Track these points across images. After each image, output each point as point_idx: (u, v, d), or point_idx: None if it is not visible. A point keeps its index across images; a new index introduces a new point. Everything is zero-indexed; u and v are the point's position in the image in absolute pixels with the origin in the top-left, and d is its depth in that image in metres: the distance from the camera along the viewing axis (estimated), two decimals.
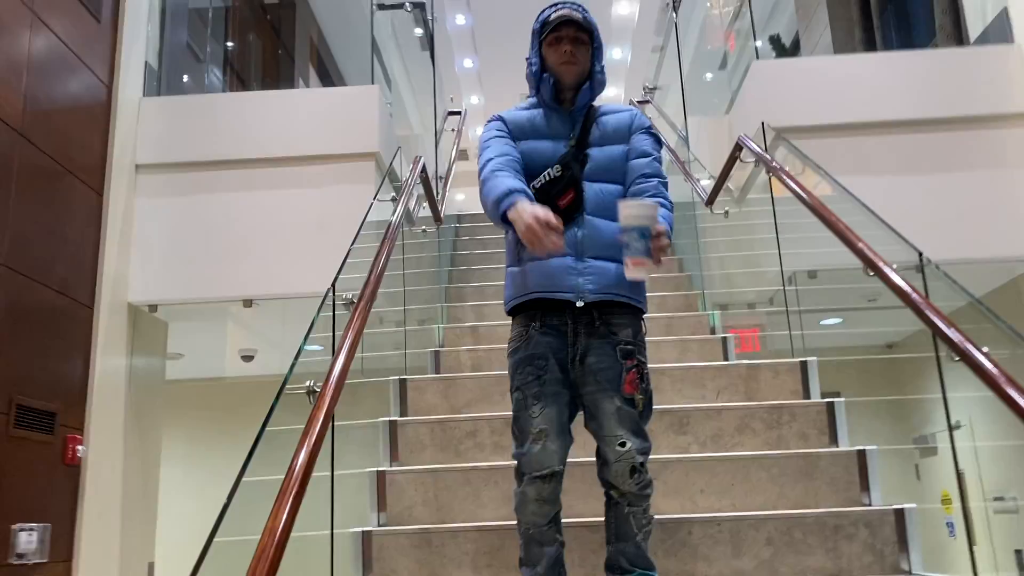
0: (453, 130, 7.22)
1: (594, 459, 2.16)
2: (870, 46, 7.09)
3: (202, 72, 6.76)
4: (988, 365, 1.90)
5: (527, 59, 2.32)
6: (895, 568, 2.54)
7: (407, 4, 6.01)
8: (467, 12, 9.73)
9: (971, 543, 5.93)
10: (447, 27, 9.90)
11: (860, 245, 2.61)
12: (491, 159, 2.19)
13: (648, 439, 2.11)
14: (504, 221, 2.04)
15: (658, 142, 2.34)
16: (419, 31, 7.94)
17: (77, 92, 4.38)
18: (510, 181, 2.08)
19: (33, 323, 3.88)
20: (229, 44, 7.58)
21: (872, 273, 2.55)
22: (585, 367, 2.11)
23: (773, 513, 2.61)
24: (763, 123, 4.41)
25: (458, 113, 7.57)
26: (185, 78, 5.87)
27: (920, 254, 2.72)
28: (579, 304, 2.10)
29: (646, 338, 2.21)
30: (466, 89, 11.49)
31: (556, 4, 2.30)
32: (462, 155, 11.66)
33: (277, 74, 8.17)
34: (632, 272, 1.92)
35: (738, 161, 4.14)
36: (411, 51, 8.73)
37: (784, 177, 3.33)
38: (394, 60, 8.20)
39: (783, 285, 4.14)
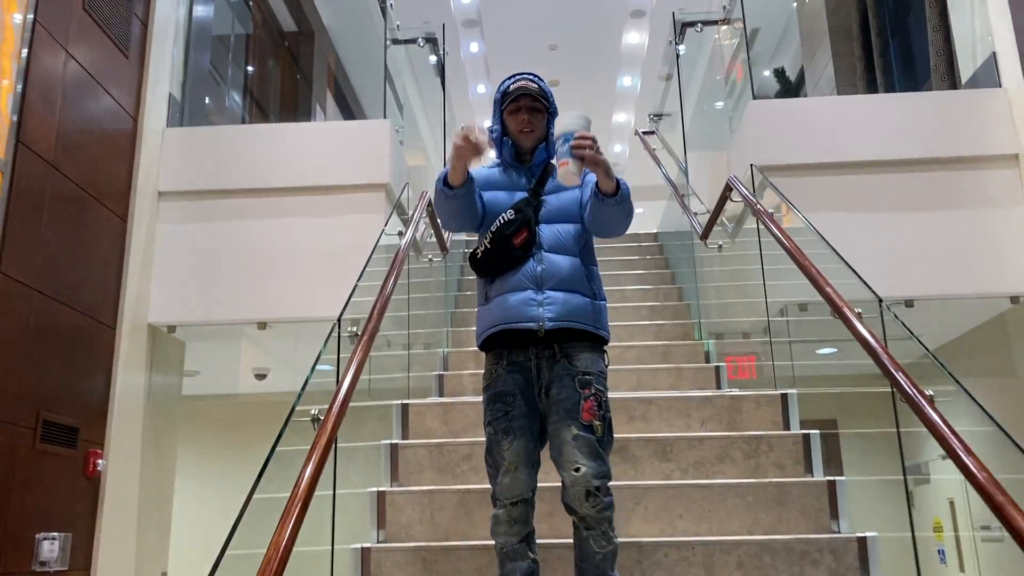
0: None
1: None
2: (871, 81, 7.29)
3: (223, 97, 7.03)
4: (932, 414, 2.07)
5: (489, 127, 2.55)
6: None
7: (420, 39, 6.25)
8: (480, 40, 9.99)
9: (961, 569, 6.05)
10: (461, 55, 10.16)
11: (828, 290, 2.80)
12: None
13: (606, 464, 2.29)
14: (446, 184, 2.35)
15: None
16: (434, 58, 8.21)
17: (105, 123, 4.64)
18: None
19: (59, 343, 4.12)
20: (249, 68, 7.87)
21: (836, 316, 2.73)
22: (550, 399, 2.32)
23: (744, 539, 2.79)
24: (751, 166, 4.61)
25: None
26: (207, 99, 6.12)
27: (880, 300, 2.89)
28: (540, 333, 2.32)
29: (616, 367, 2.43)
30: (480, 114, 11.74)
31: (515, 76, 2.55)
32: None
33: (295, 100, 8.44)
34: (561, 175, 2.20)
35: (728, 201, 4.34)
36: (426, 76, 9.00)
37: (766, 220, 3.52)
38: (409, 86, 8.46)
39: (767, 317, 4.32)
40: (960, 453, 1.90)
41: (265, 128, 5.32)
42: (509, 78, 2.55)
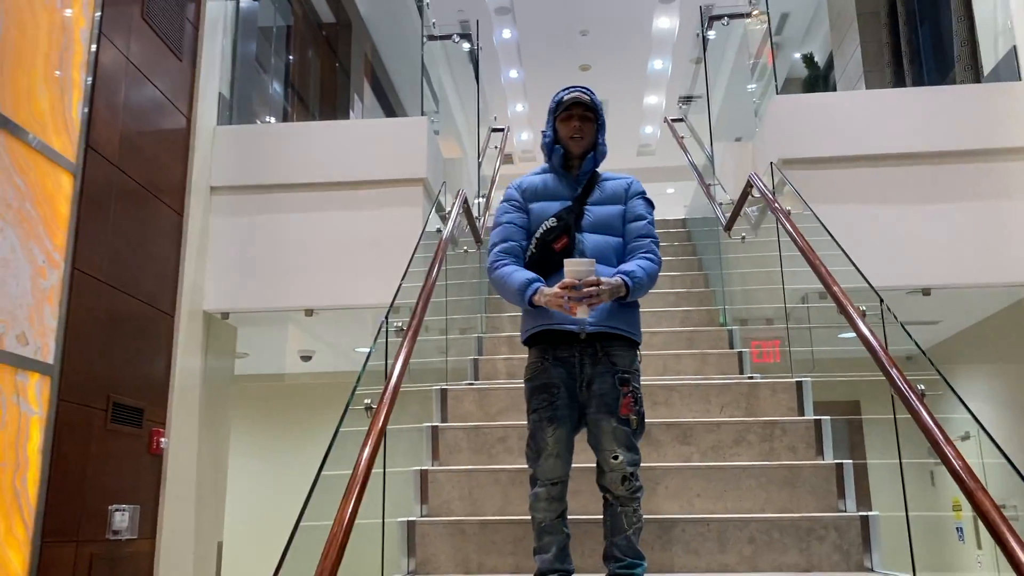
0: (496, 147, 7.70)
1: None
2: (898, 68, 7.39)
3: (266, 88, 7.33)
4: (919, 407, 2.30)
5: (543, 132, 2.79)
6: (859, 566, 2.96)
7: (455, 36, 6.48)
8: (512, 27, 10.17)
9: (978, 546, 6.25)
10: (494, 41, 10.35)
11: (835, 289, 3.01)
12: (497, 245, 2.69)
13: (638, 452, 2.57)
14: (530, 304, 2.54)
15: (651, 204, 2.80)
16: (467, 46, 8.44)
17: (162, 124, 4.96)
18: (522, 274, 2.58)
19: (125, 331, 4.47)
20: (290, 58, 8.15)
21: (841, 313, 2.95)
22: (591, 392, 2.58)
23: (756, 516, 3.05)
24: (772, 164, 4.80)
25: (501, 130, 8.05)
26: (252, 93, 6.41)
27: (881, 300, 3.10)
28: (582, 336, 2.57)
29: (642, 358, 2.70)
30: (511, 98, 11.94)
31: (568, 88, 2.77)
32: (507, 159, 12.11)
33: (334, 90, 8.72)
34: (580, 312, 2.44)
35: (749, 197, 4.55)
36: (459, 64, 9.23)
37: (783, 219, 3.74)
38: (443, 74, 8.70)
39: (784, 304, 4.53)
40: (940, 444, 2.13)
41: (309, 126, 5.61)
42: (563, 90, 2.76)
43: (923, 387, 2.51)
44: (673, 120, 7.73)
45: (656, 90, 11.85)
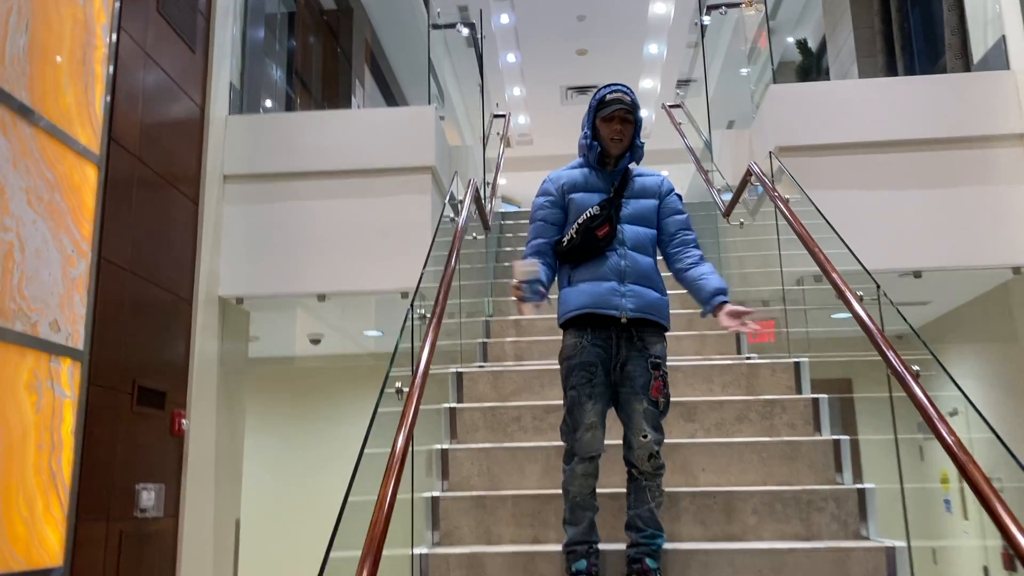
0: (499, 133, 7.84)
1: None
2: (890, 55, 7.55)
3: (271, 75, 7.43)
4: (914, 386, 2.48)
5: (582, 128, 2.94)
6: (856, 534, 3.16)
7: (459, 25, 6.60)
8: (511, 12, 10.28)
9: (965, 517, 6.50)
10: (492, 25, 10.45)
11: (834, 276, 3.19)
12: (531, 242, 2.93)
13: (663, 432, 2.78)
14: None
15: (681, 199, 3.02)
16: (465, 31, 8.56)
17: (178, 115, 5.09)
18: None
19: (148, 317, 4.62)
20: (293, 44, 8.25)
21: (839, 298, 3.14)
22: (624, 373, 2.77)
23: (759, 489, 3.24)
24: (771, 153, 4.97)
25: (503, 116, 8.19)
26: (259, 78, 6.51)
27: (878, 286, 3.28)
28: (622, 320, 2.75)
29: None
30: (509, 83, 12.05)
31: (611, 86, 2.91)
32: (506, 142, 12.21)
33: (336, 76, 8.83)
34: (528, 310, 2.72)
35: (748, 184, 4.72)
36: (458, 50, 9.35)
37: (782, 207, 3.92)
38: (443, 60, 8.83)
39: (782, 287, 4.72)
40: (934, 420, 2.32)
41: (319, 115, 5.74)
42: (606, 87, 2.91)
43: (918, 368, 2.70)
44: (671, 106, 7.89)
45: (652, 74, 11.98)
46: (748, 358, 4.56)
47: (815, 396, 3.78)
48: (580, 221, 2.84)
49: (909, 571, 2.84)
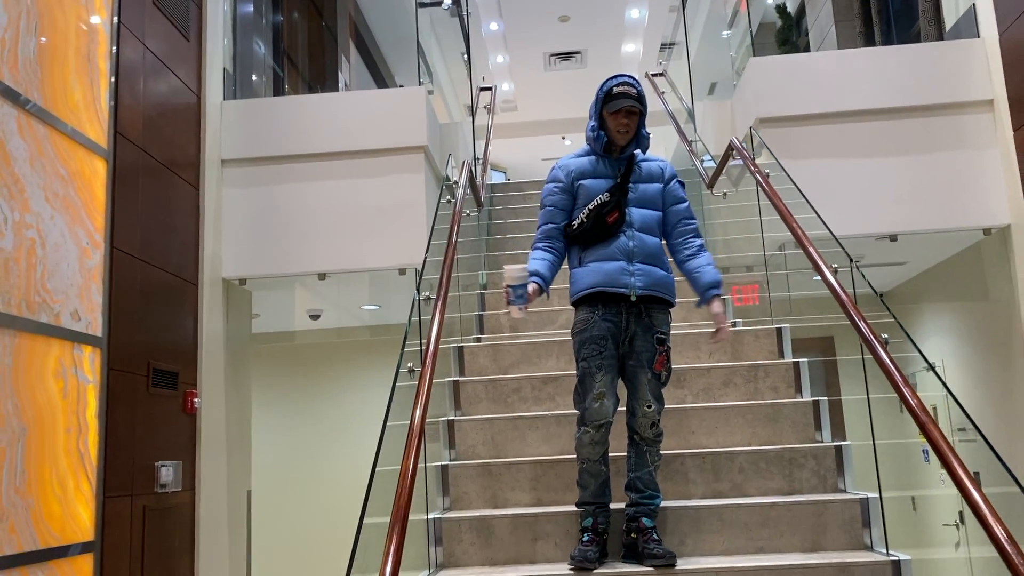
0: (486, 107, 7.98)
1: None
2: (867, 19, 7.71)
3: (261, 55, 7.52)
4: (881, 353, 2.72)
5: (590, 118, 3.12)
6: (834, 488, 3.43)
7: (445, 2, 6.71)
8: None
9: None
10: None
11: (811, 250, 3.42)
12: (542, 227, 3.13)
13: (664, 402, 3.03)
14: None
15: (683, 185, 3.23)
16: (449, 1, 8.64)
17: (176, 103, 5.23)
18: (533, 263, 3.05)
19: (158, 301, 4.81)
20: (279, 19, 8.32)
21: (814, 269, 3.36)
22: (632, 347, 3.00)
23: (744, 449, 3.50)
24: (751, 129, 5.17)
25: (489, 89, 8.32)
26: (250, 56, 6.62)
27: (851, 259, 3.51)
28: (632, 297, 2.97)
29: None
30: (492, 50, 12.13)
31: (617, 77, 3.08)
32: (497, 108, 12.30)
33: (322, 51, 8.91)
34: (516, 312, 2.94)
35: (730, 159, 4.93)
36: (442, 22, 9.43)
37: (762, 182, 4.13)
38: (428, 34, 8.90)
39: (763, 252, 4.95)
40: (899, 384, 2.56)
41: (312, 98, 5.87)
42: (612, 78, 3.06)
43: (887, 336, 2.93)
44: (653, 75, 8.03)
45: (634, 39, 12.08)
46: (733, 324, 4.81)
47: (796, 360, 4.03)
48: (591, 207, 3.04)
49: (881, 519, 3.11)
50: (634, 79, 3.07)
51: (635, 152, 3.16)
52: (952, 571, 6.74)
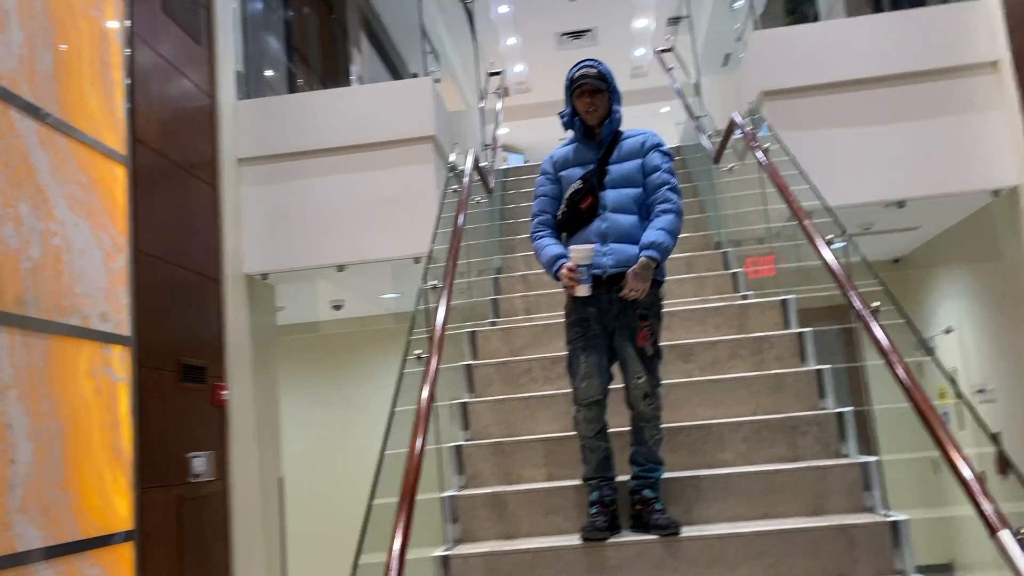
0: (496, 92, 8.07)
1: None
2: None
3: (272, 53, 7.67)
4: (871, 321, 2.81)
5: (560, 112, 3.23)
6: (837, 453, 3.52)
7: None
8: None
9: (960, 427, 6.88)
10: None
11: (806, 223, 3.49)
12: (536, 217, 3.24)
13: (655, 375, 3.08)
14: (555, 278, 3.12)
15: (667, 155, 3.25)
16: None
17: (190, 107, 5.39)
18: (553, 248, 3.12)
19: (183, 299, 5.00)
20: (290, 13, 8.45)
21: (810, 243, 3.43)
22: (616, 324, 3.09)
23: (748, 419, 3.60)
24: (749, 104, 5.22)
25: (499, 73, 8.41)
26: (261, 53, 6.76)
27: (844, 231, 3.57)
28: (603, 277, 3.07)
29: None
30: (503, 33, 12.17)
31: (579, 64, 3.19)
32: (504, 92, 12.37)
33: (333, 45, 9.03)
34: (583, 291, 3.01)
35: (733, 134, 4.99)
36: (451, 6, 9.50)
37: (761, 157, 4.20)
38: (437, 19, 9.00)
39: (767, 225, 5.01)
40: (888, 352, 2.65)
41: (322, 94, 6.02)
42: (575, 67, 3.19)
43: (878, 303, 3.01)
44: (661, 51, 8.06)
45: (644, 13, 12.06)
46: (744, 297, 4.89)
47: (800, 330, 4.11)
48: (567, 196, 3.15)
49: (880, 482, 3.20)
50: (596, 61, 3.17)
51: (621, 131, 3.24)
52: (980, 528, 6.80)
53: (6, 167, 3.56)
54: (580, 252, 2.99)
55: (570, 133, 3.29)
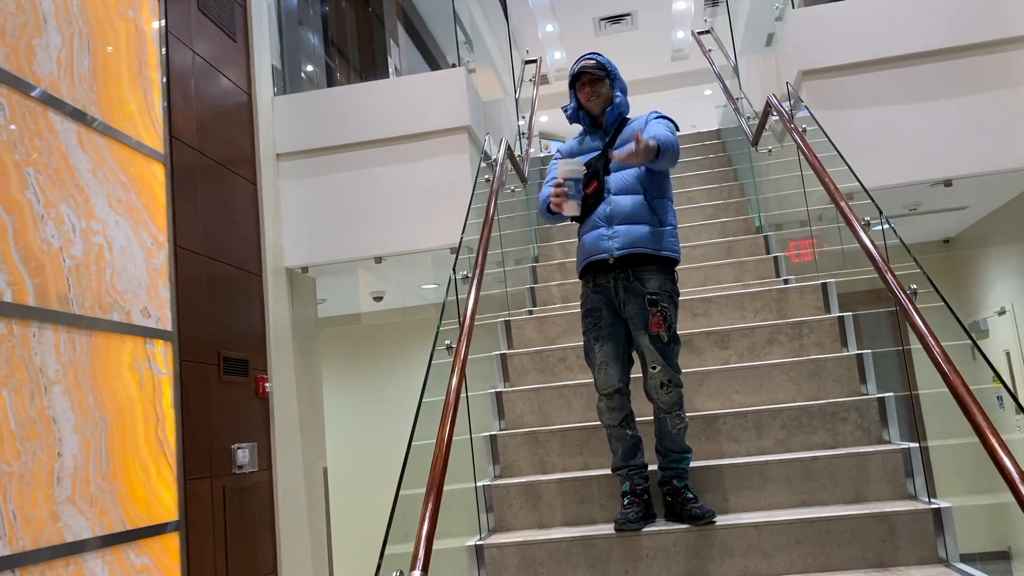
0: (532, 80, 8.04)
1: None
2: None
3: (309, 49, 7.74)
4: (907, 303, 2.73)
5: (563, 107, 3.27)
6: (878, 440, 3.45)
7: None
8: None
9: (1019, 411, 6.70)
10: None
11: (842, 204, 3.41)
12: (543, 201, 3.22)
13: (672, 363, 3.01)
14: (548, 211, 3.11)
15: (665, 118, 3.20)
16: None
17: (227, 104, 5.46)
18: (547, 191, 3.12)
19: (225, 294, 5.08)
20: (326, 8, 8.52)
21: (847, 226, 3.35)
22: (627, 312, 3.06)
23: (787, 405, 3.54)
24: (787, 84, 5.10)
25: (534, 62, 8.37)
26: (298, 47, 6.83)
27: (880, 212, 3.48)
28: (610, 261, 3.04)
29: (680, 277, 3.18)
30: (540, 20, 12.11)
31: (579, 59, 3.21)
32: (543, 80, 12.34)
33: (370, 36, 9.08)
34: (569, 209, 2.98)
35: (770, 117, 4.89)
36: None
37: (798, 140, 4.11)
38: (473, 7, 8.97)
39: (806, 208, 4.91)
40: (924, 333, 2.57)
41: (357, 88, 6.04)
42: (576, 61, 3.23)
43: (915, 286, 2.93)
44: (700, 33, 7.94)
45: None
46: (785, 281, 4.81)
47: (841, 315, 4.03)
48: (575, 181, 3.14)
49: (923, 468, 3.12)
50: (594, 53, 3.20)
51: (628, 117, 3.24)
52: None
53: (47, 168, 3.65)
54: (568, 165, 2.98)
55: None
